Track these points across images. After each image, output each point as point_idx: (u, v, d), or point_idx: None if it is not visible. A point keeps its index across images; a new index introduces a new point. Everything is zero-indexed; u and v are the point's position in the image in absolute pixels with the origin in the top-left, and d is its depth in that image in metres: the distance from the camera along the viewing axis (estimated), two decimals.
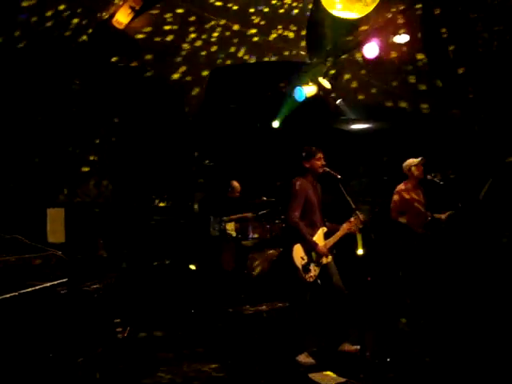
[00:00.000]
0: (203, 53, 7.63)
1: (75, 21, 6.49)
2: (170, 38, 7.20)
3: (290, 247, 5.28)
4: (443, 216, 7.00)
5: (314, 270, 5.27)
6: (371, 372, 4.93)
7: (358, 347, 5.29)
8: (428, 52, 7.47)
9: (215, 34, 7.36)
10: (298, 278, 5.24)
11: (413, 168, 6.92)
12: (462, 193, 7.52)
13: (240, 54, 7.73)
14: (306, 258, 5.26)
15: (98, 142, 7.69)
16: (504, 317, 6.11)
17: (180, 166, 8.79)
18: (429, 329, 6.29)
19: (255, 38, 7.49)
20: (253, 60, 7.87)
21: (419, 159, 6.90)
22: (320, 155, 5.41)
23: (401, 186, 7.01)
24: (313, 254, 5.29)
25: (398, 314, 6.75)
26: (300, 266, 5.22)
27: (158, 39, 7.21)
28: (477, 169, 7.99)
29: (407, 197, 6.91)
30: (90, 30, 6.66)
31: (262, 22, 7.25)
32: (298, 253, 5.25)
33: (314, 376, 4.89)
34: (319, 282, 5.32)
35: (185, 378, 4.87)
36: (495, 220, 7.27)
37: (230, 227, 8.29)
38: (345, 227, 5.43)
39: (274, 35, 7.46)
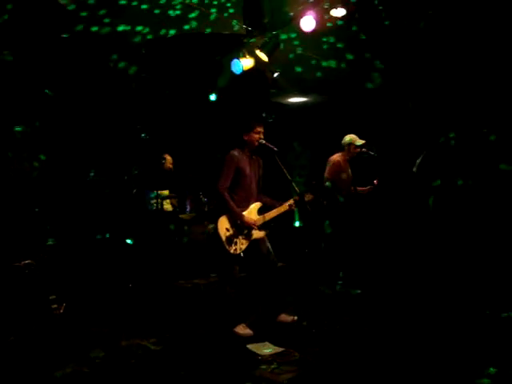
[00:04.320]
0: (139, 22, 7.42)
1: None
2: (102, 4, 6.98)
3: (217, 218, 5.24)
4: (365, 189, 7.23)
5: (240, 243, 5.24)
6: (308, 341, 5.03)
7: (295, 317, 5.39)
8: (363, 26, 7.55)
9: (152, 7, 7.19)
10: (222, 250, 5.19)
11: (352, 146, 7.07)
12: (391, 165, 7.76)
13: (177, 25, 7.58)
14: (231, 229, 5.21)
15: (30, 113, 7.42)
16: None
17: (116, 139, 8.60)
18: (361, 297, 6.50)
19: (193, 10, 7.36)
20: (190, 31, 7.74)
21: (362, 142, 7.04)
22: (259, 129, 5.38)
23: (335, 157, 7.14)
24: (240, 226, 5.25)
25: (333, 283, 6.92)
26: (224, 238, 5.15)
27: (90, 7, 6.97)
28: (410, 142, 8.21)
29: (342, 169, 7.06)
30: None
31: None
32: (223, 224, 5.20)
33: (252, 347, 4.96)
34: (242, 255, 5.25)
35: (122, 352, 4.83)
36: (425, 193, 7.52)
37: (167, 201, 8.22)
38: (285, 205, 5.41)
39: (212, 8, 7.34)
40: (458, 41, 7.14)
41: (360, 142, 7.05)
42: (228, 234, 5.19)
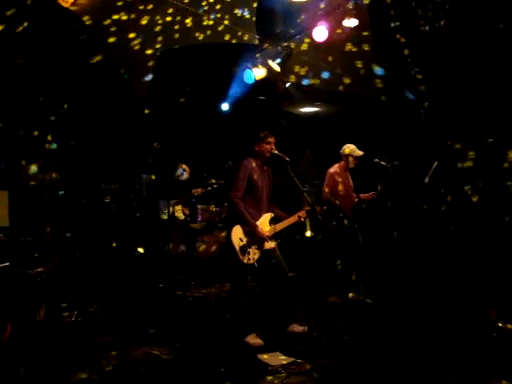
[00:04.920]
0: (153, 33, 7.48)
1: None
2: (117, 17, 7.03)
3: (230, 228, 5.26)
4: (368, 196, 7.20)
5: (253, 253, 5.24)
6: (319, 352, 5.01)
7: (306, 328, 5.37)
8: (376, 37, 7.55)
9: (167, 16, 7.23)
10: (235, 260, 5.20)
11: (350, 158, 7.01)
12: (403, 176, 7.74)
13: (190, 36, 7.62)
14: (244, 239, 5.22)
15: (44, 124, 7.49)
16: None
17: (128, 149, 8.66)
18: (374, 308, 6.47)
19: (207, 20, 7.40)
20: (203, 42, 7.78)
21: (360, 153, 6.98)
22: (270, 139, 5.39)
23: (334, 168, 7.11)
24: (254, 236, 5.26)
25: (344, 293, 6.90)
26: (237, 247, 5.17)
27: (105, 19, 7.03)
28: (422, 153, 8.18)
29: (338, 179, 7.02)
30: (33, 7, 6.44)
31: (215, 4, 7.17)
32: (237, 234, 5.22)
33: (262, 357, 4.94)
34: (256, 265, 5.25)
35: (133, 361, 4.84)
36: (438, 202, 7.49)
37: (178, 210, 8.25)
38: (295, 216, 5.39)
39: (226, 17, 7.38)
40: (471, 47, 7.12)
41: (359, 153, 6.99)
42: (241, 243, 5.21)
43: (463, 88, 7.38)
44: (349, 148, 7.04)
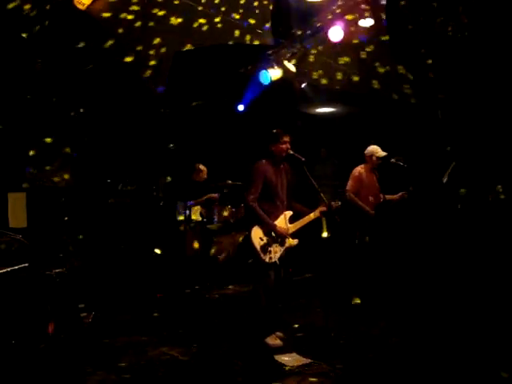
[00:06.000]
0: (168, 35, 7.51)
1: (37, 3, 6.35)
2: (133, 19, 7.07)
3: (250, 228, 5.26)
4: (396, 196, 7.26)
5: (274, 252, 5.25)
6: (336, 353, 5.00)
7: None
8: (392, 36, 7.52)
9: (180, 18, 7.26)
10: (257, 259, 5.23)
11: (374, 158, 7.08)
12: (420, 175, 7.70)
13: (206, 36, 7.64)
14: (265, 238, 5.23)
15: (60, 126, 7.54)
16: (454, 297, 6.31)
17: (144, 150, 8.69)
18: (391, 309, 6.42)
19: (220, 23, 7.42)
20: (219, 42, 7.79)
21: (383, 154, 7.03)
22: (286, 139, 5.39)
23: (358, 169, 7.14)
24: (274, 235, 5.27)
25: (360, 294, 6.86)
26: (258, 247, 5.19)
27: (121, 21, 7.07)
28: (438, 153, 8.13)
29: (363, 179, 7.07)
30: (51, 11, 6.50)
31: (229, 3, 7.19)
32: (257, 233, 5.22)
33: (279, 357, 4.94)
34: (278, 262, 5.27)
35: (150, 362, 4.86)
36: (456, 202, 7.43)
37: (195, 211, 8.26)
38: (312, 215, 5.42)
39: (238, 17, 7.39)
40: (489, 50, 7.07)
41: (382, 153, 7.04)
42: (262, 243, 5.22)
43: (480, 88, 7.33)
44: (372, 148, 7.11)
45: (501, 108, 7.19)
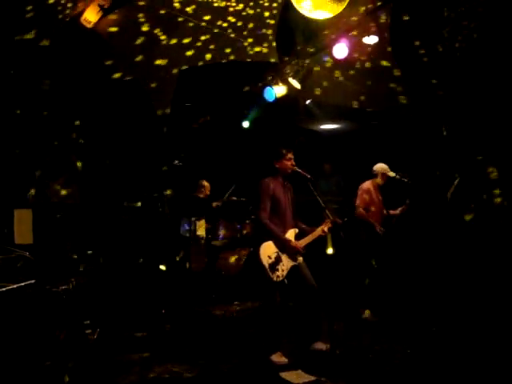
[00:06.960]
0: (173, 52, 7.57)
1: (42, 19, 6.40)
2: (139, 37, 7.14)
3: (258, 246, 5.28)
4: (397, 211, 7.32)
5: (281, 270, 5.25)
6: (341, 370, 4.97)
7: (329, 346, 5.32)
8: (396, 54, 7.56)
9: (186, 37, 7.33)
10: (265, 277, 5.23)
11: (384, 175, 7.14)
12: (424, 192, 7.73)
13: (211, 54, 7.69)
14: (273, 257, 5.24)
15: (66, 142, 7.58)
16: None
17: (149, 167, 8.71)
18: (399, 326, 6.39)
19: (226, 38, 7.48)
20: (223, 60, 7.84)
21: (394, 174, 7.09)
22: (290, 156, 5.44)
23: (367, 185, 7.18)
24: (281, 254, 5.29)
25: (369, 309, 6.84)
26: (267, 265, 5.19)
27: (127, 38, 7.14)
28: (442, 168, 8.13)
29: (373, 195, 7.12)
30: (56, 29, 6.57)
31: (234, 21, 7.25)
32: (266, 252, 5.25)
33: (285, 375, 4.92)
34: (286, 281, 5.29)
35: (155, 378, 4.85)
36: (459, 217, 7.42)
37: (200, 227, 8.27)
38: (319, 230, 5.43)
39: (244, 33, 7.45)
40: (493, 65, 7.09)
41: (392, 174, 7.11)
42: (270, 261, 5.23)
43: (484, 103, 7.34)
44: (381, 166, 7.18)
45: (507, 123, 7.20)
